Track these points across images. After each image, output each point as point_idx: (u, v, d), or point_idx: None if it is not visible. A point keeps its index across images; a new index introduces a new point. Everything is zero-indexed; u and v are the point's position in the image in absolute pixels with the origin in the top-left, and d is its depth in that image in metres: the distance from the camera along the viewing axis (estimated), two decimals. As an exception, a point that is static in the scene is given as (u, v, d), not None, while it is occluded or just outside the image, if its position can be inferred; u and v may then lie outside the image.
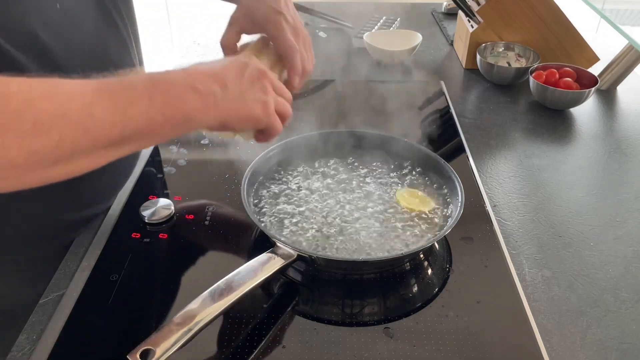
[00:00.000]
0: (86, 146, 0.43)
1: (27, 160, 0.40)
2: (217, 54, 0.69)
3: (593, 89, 1.04)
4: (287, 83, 0.67)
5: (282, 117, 0.59)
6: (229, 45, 0.70)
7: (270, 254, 0.62)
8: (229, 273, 0.58)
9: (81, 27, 0.65)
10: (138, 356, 0.49)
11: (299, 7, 1.27)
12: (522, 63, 1.20)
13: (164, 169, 0.86)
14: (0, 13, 0.54)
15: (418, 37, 1.29)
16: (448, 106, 1.08)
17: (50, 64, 0.60)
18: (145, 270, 0.67)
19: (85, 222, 0.75)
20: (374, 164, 0.83)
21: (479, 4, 1.20)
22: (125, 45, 0.75)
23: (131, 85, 0.46)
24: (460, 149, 0.94)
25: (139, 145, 0.48)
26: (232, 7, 0.71)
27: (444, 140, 0.98)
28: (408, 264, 0.69)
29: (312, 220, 0.71)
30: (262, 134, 0.60)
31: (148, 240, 0.72)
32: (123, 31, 0.74)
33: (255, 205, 0.73)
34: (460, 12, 1.25)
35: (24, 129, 0.39)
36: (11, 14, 0.55)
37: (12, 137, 0.39)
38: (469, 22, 1.23)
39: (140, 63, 0.82)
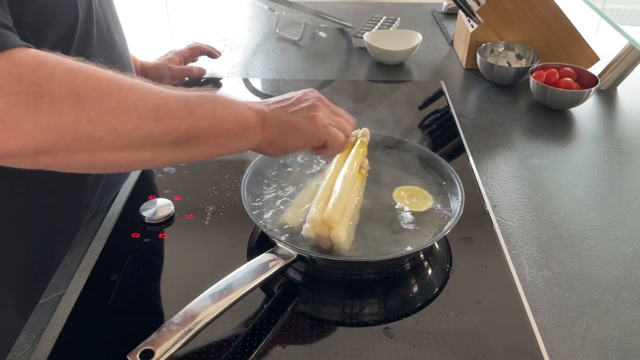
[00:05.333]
0: (156, 135, 0.48)
1: (106, 136, 0.44)
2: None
3: (593, 89, 1.04)
4: None
5: (343, 132, 0.63)
6: None
7: (270, 254, 0.62)
8: (229, 273, 0.59)
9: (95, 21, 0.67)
10: (138, 356, 0.49)
11: (300, 7, 1.27)
12: (522, 63, 1.20)
13: (164, 169, 0.86)
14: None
15: (418, 37, 1.29)
16: (448, 106, 1.08)
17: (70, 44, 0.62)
18: (145, 270, 0.67)
19: (85, 223, 0.75)
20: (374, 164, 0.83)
21: (479, 3, 1.20)
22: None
23: (199, 94, 0.52)
24: (460, 149, 0.94)
25: (198, 152, 0.53)
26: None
27: (444, 140, 0.98)
28: (408, 264, 0.69)
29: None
30: (324, 148, 0.62)
31: (148, 240, 0.72)
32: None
33: (255, 205, 0.73)
34: (460, 12, 1.24)
35: (110, 105, 0.44)
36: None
37: (99, 111, 0.44)
38: (469, 22, 1.23)
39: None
